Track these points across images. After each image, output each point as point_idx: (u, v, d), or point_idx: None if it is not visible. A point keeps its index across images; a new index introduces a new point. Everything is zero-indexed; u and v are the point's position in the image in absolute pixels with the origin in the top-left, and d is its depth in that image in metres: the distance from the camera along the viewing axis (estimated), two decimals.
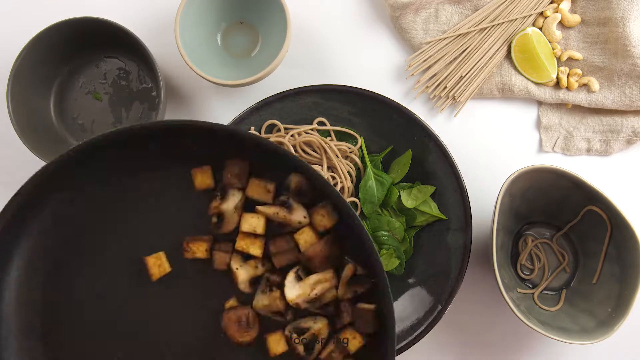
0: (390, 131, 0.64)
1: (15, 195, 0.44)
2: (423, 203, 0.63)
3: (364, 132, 0.64)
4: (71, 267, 0.49)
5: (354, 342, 0.49)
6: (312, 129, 0.63)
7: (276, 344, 0.49)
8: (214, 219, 0.52)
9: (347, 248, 0.52)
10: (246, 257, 0.52)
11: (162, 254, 0.50)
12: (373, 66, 0.70)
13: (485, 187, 0.67)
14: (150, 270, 0.49)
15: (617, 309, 0.57)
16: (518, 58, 0.68)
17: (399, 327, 0.61)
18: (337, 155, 0.63)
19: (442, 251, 0.62)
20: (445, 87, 0.68)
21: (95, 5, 0.69)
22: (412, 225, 0.64)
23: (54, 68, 0.66)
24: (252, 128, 0.63)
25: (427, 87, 0.69)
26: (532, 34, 0.68)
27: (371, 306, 0.49)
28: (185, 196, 0.52)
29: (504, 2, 0.69)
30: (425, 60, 0.69)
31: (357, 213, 0.62)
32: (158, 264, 0.49)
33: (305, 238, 0.51)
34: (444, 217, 0.62)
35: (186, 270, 0.51)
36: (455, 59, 0.69)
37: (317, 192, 0.50)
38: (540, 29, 0.69)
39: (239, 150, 0.50)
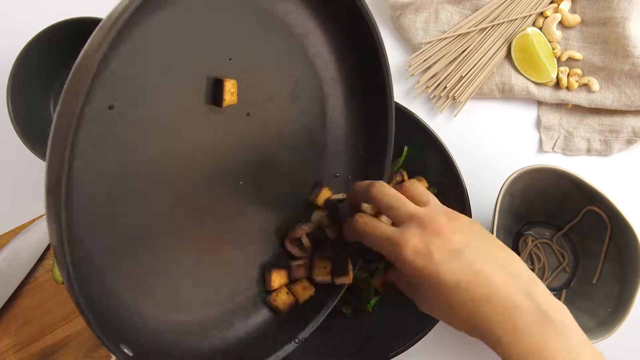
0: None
1: None
2: None
3: None
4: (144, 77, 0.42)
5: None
6: None
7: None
8: None
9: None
10: None
11: (235, 82, 0.46)
12: None
13: (485, 187, 0.67)
14: (224, 95, 0.45)
15: (617, 309, 0.57)
16: (518, 58, 0.68)
17: (399, 327, 0.61)
18: None
19: None
20: (445, 87, 0.68)
21: (95, 6, 0.69)
22: None
23: (54, 68, 0.66)
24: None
25: (427, 87, 0.69)
26: (532, 34, 0.68)
27: None
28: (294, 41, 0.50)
29: (504, 2, 0.69)
30: (425, 60, 0.69)
31: None
32: (231, 92, 0.46)
33: None
34: None
35: (248, 109, 0.49)
36: (455, 59, 0.69)
37: None
38: (540, 29, 0.69)
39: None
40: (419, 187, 0.46)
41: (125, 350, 0.37)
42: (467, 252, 0.41)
